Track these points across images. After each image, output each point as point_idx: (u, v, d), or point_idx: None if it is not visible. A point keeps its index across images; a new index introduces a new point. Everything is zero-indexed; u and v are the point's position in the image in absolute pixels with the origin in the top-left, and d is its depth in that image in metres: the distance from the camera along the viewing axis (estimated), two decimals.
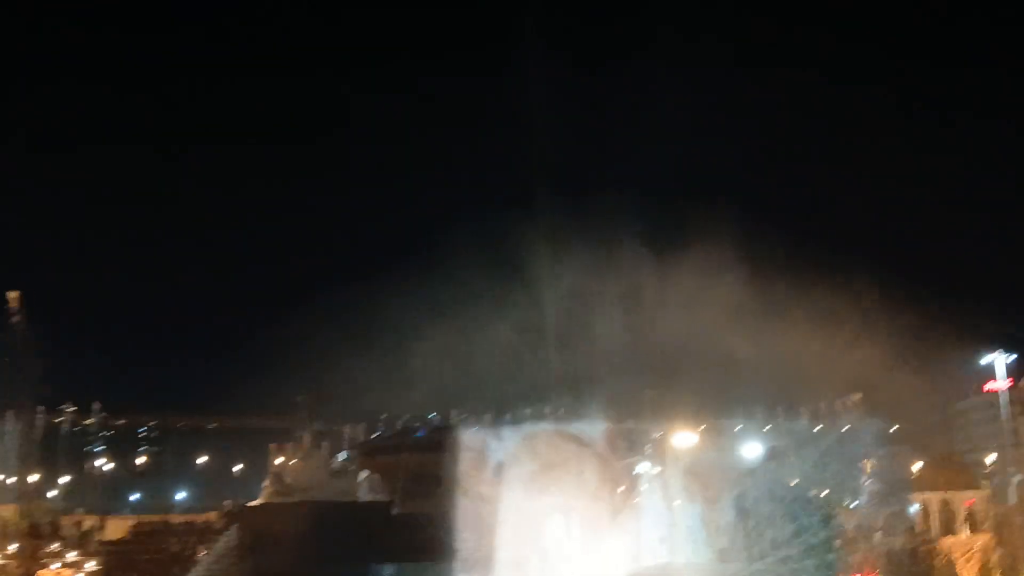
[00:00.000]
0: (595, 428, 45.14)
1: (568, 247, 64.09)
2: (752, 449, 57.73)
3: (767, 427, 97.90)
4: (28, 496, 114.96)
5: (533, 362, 59.74)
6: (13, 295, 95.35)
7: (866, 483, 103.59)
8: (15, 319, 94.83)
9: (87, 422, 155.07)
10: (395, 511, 45.49)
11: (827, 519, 49.21)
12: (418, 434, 57.91)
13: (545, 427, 45.58)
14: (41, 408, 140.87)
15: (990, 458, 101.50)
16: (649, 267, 65.39)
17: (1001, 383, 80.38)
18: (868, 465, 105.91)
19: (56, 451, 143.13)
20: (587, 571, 40.59)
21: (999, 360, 77.96)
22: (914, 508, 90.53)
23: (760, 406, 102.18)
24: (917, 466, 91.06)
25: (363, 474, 54.95)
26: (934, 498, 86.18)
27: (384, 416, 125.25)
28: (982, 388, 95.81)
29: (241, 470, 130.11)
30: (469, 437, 45.24)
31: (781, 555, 42.88)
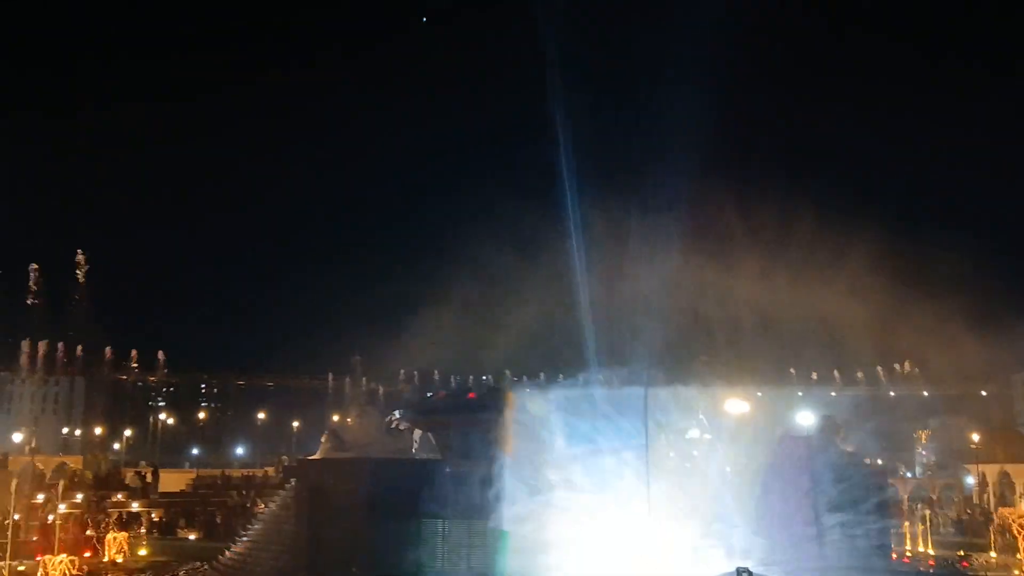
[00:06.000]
0: (645, 392, 45.12)
1: (617, 217, 64.14)
2: (805, 417, 57.24)
3: (832, 393, 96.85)
4: (93, 448, 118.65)
5: (582, 328, 59.85)
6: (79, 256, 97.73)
7: (921, 453, 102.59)
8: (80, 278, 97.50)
9: (151, 378, 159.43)
10: (448, 470, 46.11)
11: (880, 488, 48.87)
12: (470, 395, 58.44)
13: (595, 390, 45.68)
14: (106, 364, 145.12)
15: None
16: (701, 235, 64.97)
17: None
18: (923, 435, 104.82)
19: (121, 405, 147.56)
20: (627, 534, 40.87)
21: None
22: (970, 480, 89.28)
23: (816, 374, 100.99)
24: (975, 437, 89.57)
25: (416, 433, 55.69)
26: (991, 469, 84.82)
27: (436, 377, 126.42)
28: None
29: (298, 427, 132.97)
30: (519, 398, 45.65)
31: (833, 522, 42.80)
